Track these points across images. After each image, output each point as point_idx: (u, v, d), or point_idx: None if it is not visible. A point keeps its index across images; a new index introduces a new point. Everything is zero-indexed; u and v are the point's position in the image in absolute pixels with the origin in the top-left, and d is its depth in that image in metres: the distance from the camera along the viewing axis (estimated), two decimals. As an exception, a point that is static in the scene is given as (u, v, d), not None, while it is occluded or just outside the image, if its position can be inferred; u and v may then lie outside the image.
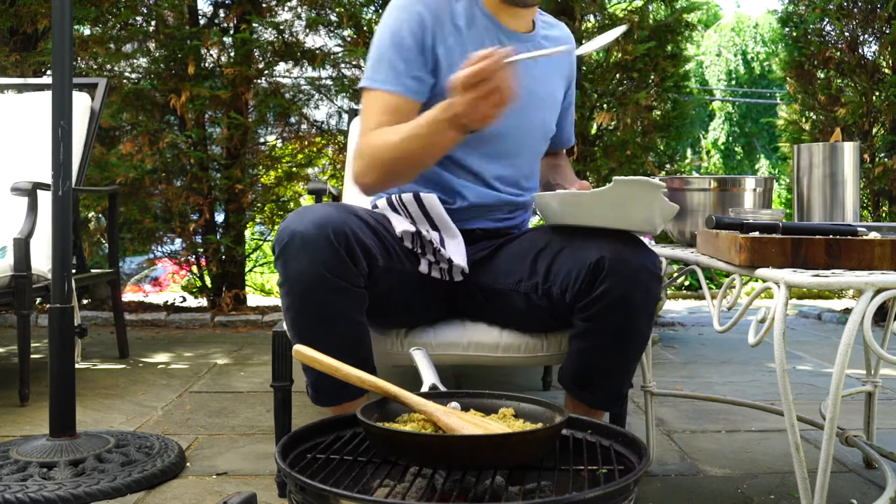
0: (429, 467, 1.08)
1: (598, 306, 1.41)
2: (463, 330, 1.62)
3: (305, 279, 1.37)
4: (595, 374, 1.49)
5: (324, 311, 1.40)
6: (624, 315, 1.41)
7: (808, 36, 4.66)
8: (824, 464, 1.15)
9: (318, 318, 1.41)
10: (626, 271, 1.39)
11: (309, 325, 1.42)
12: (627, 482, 0.96)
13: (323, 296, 1.38)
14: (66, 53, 1.78)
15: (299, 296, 1.40)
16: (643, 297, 1.41)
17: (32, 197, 2.54)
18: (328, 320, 1.41)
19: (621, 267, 1.39)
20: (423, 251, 1.53)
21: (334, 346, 1.40)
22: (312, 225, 1.37)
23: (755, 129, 17.02)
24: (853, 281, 1.13)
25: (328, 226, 1.37)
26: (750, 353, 3.45)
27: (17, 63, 4.35)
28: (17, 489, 1.61)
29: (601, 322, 1.42)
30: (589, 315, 1.43)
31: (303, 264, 1.37)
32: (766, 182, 1.63)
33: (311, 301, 1.39)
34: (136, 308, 4.45)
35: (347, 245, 1.38)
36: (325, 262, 1.36)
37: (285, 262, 1.39)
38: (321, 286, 1.37)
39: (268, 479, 1.79)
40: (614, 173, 4.38)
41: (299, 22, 4.59)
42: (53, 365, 1.80)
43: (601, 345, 1.45)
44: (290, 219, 1.40)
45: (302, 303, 1.40)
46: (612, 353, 1.47)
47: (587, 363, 1.48)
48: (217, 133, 4.63)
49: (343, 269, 1.38)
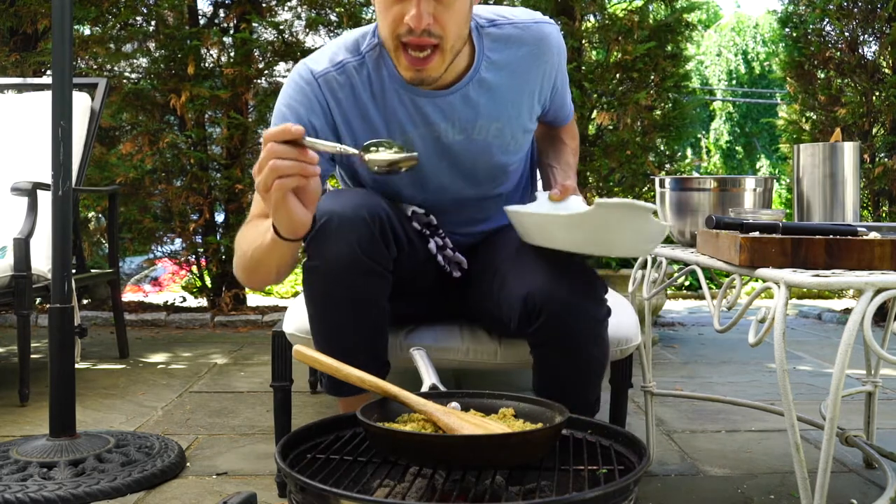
0: (429, 467, 1.08)
1: (540, 335, 1.37)
2: (461, 336, 1.62)
3: (344, 260, 1.34)
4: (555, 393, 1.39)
5: (357, 294, 1.37)
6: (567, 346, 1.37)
7: (808, 36, 4.66)
8: (824, 464, 1.15)
9: (350, 303, 1.38)
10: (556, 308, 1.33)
11: (340, 309, 1.39)
12: (627, 482, 0.96)
13: (358, 279, 1.36)
14: (66, 53, 1.78)
15: (334, 278, 1.36)
16: (581, 324, 1.35)
17: (32, 197, 2.54)
18: (360, 305, 1.39)
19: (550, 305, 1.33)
20: (432, 232, 1.52)
21: (361, 333, 1.41)
22: (351, 206, 1.35)
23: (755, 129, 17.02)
24: (853, 281, 1.13)
25: (364, 207, 1.35)
26: (750, 353, 3.45)
27: (17, 63, 4.35)
28: (17, 489, 1.61)
29: (547, 350, 1.39)
30: (535, 342, 1.40)
31: (341, 245, 1.33)
32: (766, 182, 1.62)
33: (347, 283, 1.36)
34: (136, 308, 4.45)
35: (381, 227, 1.37)
36: (362, 244, 1.34)
37: (321, 242, 1.35)
38: (358, 268, 1.35)
39: (268, 479, 1.79)
40: (614, 173, 4.39)
41: (299, 22, 4.59)
42: (53, 365, 1.80)
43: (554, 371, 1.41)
44: (324, 201, 1.36)
45: (336, 286, 1.37)
46: (567, 378, 1.41)
47: (545, 384, 1.43)
48: (217, 133, 4.63)
49: (378, 251, 1.36)
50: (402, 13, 1.32)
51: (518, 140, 1.55)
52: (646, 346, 1.83)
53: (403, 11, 1.32)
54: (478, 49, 1.47)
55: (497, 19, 1.50)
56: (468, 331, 1.62)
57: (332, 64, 1.45)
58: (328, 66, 1.45)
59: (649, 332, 1.88)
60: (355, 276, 1.36)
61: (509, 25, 1.50)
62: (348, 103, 1.45)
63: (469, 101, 1.46)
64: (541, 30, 1.52)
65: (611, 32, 4.24)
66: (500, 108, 1.49)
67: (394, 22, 1.33)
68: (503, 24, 1.49)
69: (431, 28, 1.32)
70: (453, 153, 1.50)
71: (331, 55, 1.46)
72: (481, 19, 1.48)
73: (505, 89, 1.49)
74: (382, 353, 1.47)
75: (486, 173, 1.55)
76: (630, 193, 4.41)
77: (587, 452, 1.14)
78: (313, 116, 1.44)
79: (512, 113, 1.51)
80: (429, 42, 1.33)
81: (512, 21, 1.50)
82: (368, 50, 1.45)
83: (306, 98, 1.44)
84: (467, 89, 1.46)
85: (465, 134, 1.49)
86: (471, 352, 1.60)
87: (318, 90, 1.44)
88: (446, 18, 1.33)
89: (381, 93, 1.45)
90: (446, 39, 1.34)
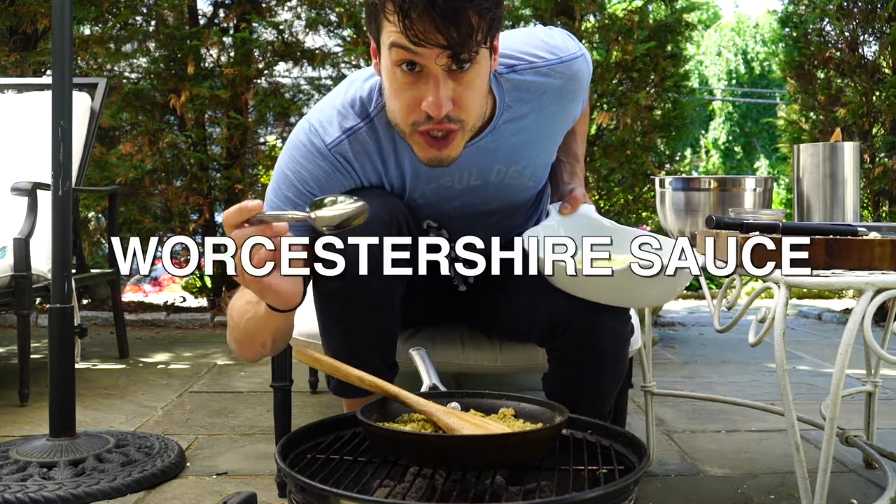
0: (429, 467, 1.08)
1: (564, 349, 1.36)
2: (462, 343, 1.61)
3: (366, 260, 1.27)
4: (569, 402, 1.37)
5: (374, 295, 1.32)
6: (589, 362, 1.35)
7: (808, 36, 4.66)
8: (824, 464, 1.15)
9: (366, 300, 1.32)
10: (583, 325, 1.31)
11: (359, 310, 1.34)
12: (627, 482, 0.96)
13: (375, 280, 1.29)
14: (66, 53, 1.78)
15: (352, 278, 1.28)
16: (607, 344, 1.34)
17: (32, 197, 2.54)
18: (375, 306, 1.34)
19: (578, 322, 1.31)
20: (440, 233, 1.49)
21: (373, 334, 1.38)
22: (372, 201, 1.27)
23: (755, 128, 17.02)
24: (853, 281, 1.13)
25: (384, 209, 1.30)
26: (750, 353, 3.45)
27: (17, 63, 4.35)
28: (17, 489, 1.61)
29: (567, 363, 1.38)
30: (556, 356, 1.39)
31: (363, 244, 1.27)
32: (766, 182, 1.62)
33: (364, 281, 1.29)
34: (135, 308, 4.45)
35: (399, 229, 1.32)
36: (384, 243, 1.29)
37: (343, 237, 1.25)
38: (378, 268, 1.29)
39: (268, 479, 1.79)
40: (614, 173, 4.39)
41: (299, 22, 4.59)
42: (53, 365, 1.80)
43: (570, 383, 1.40)
44: None
45: (354, 286, 1.30)
46: (583, 390, 1.40)
47: (562, 393, 1.41)
48: (217, 133, 4.63)
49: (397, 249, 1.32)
50: (418, 98, 1.19)
51: (538, 175, 1.48)
52: (646, 346, 1.83)
53: (420, 96, 1.19)
54: (498, 100, 1.33)
55: (517, 63, 1.35)
56: (468, 336, 1.62)
57: (343, 132, 1.34)
58: (340, 134, 1.34)
59: (649, 333, 1.88)
60: (374, 277, 1.30)
61: (531, 71, 1.35)
62: (362, 168, 1.36)
63: (486, 151, 1.36)
64: (568, 69, 1.38)
65: (611, 32, 4.24)
66: (521, 153, 1.40)
67: (408, 108, 1.21)
68: (524, 69, 1.35)
69: (451, 113, 1.20)
70: (467, 195, 1.43)
71: (339, 121, 1.35)
72: (500, 65, 1.32)
73: (528, 133, 1.38)
74: (391, 354, 1.45)
75: (502, 206, 1.50)
76: (630, 193, 4.41)
77: (587, 452, 1.14)
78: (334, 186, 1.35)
79: (534, 153, 1.42)
80: (449, 127, 1.22)
81: (534, 65, 1.35)
82: (377, 112, 1.34)
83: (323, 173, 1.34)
84: (486, 141, 1.35)
85: (481, 179, 1.40)
86: (471, 357, 1.60)
87: (335, 162, 1.34)
88: (467, 99, 1.20)
89: (392, 154, 1.35)
90: (467, 122, 1.23)
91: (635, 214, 4.47)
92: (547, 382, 1.47)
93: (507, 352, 1.59)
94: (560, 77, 1.37)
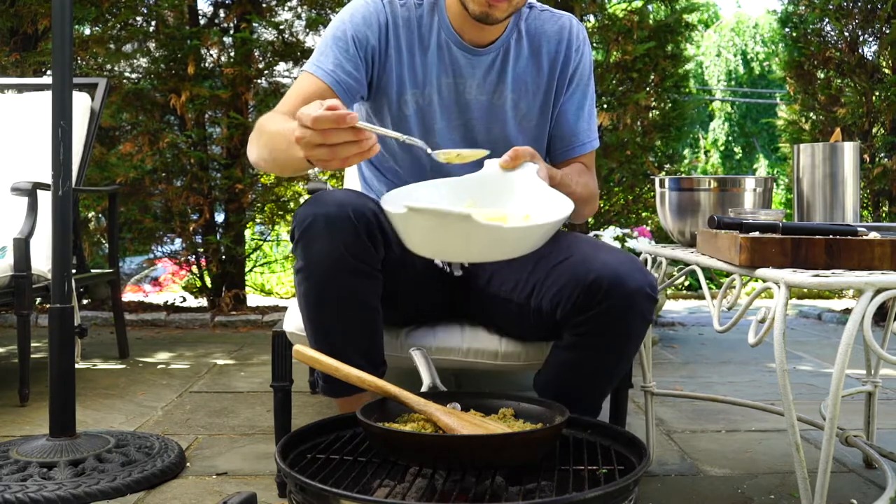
0: (429, 467, 1.08)
1: (590, 325, 1.37)
2: (462, 336, 1.61)
3: (328, 261, 1.35)
4: (574, 388, 1.43)
5: (344, 294, 1.38)
6: (616, 336, 1.38)
7: (808, 36, 4.66)
8: (824, 464, 1.15)
9: (337, 303, 1.38)
10: (623, 295, 1.33)
11: (328, 310, 1.40)
12: (627, 482, 0.97)
13: (344, 279, 1.36)
14: (66, 53, 1.78)
15: (320, 279, 1.37)
16: (638, 321, 1.37)
17: (32, 197, 2.54)
18: (347, 306, 1.39)
19: (618, 291, 1.33)
20: None
21: (351, 333, 1.40)
22: (335, 206, 1.35)
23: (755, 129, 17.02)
24: (853, 281, 1.13)
25: (348, 206, 1.36)
26: (750, 353, 3.45)
27: (17, 63, 4.35)
28: (17, 489, 1.61)
29: (592, 340, 1.39)
30: (580, 332, 1.39)
31: (325, 245, 1.34)
32: (766, 182, 1.63)
33: (333, 284, 1.37)
34: (136, 308, 4.45)
35: (368, 227, 1.36)
36: (347, 244, 1.34)
37: (307, 243, 1.36)
38: (343, 268, 1.35)
39: (268, 479, 1.79)
40: (614, 173, 4.39)
41: (299, 22, 4.59)
42: (53, 365, 1.80)
43: (587, 361, 1.41)
44: (309, 203, 1.38)
45: (322, 287, 1.37)
46: (597, 371, 1.42)
47: (568, 377, 1.43)
48: (217, 133, 4.63)
49: (364, 251, 1.36)
50: None
51: (531, 118, 1.63)
52: (646, 346, 1.83)
53: None
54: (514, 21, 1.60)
55: (535, 4, 1.65)
56: (469, 331, 1.61)
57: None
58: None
59: (649, 333, 1.88)
60: (341, 276, 1.36)
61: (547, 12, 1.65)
62: (399, 35, 1.55)
63: (496, 66, 1.58)
64: (570, 20, 1.66)
65: (611, 32, 4.25)
66: (520, 81, 1.60)
67: None
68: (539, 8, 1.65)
69: None
70: (471, 112, 1.58)
71: None
72: None
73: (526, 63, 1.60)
74: (377, 354, 1.46)
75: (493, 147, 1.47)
76: (630, 193, 4.42)
77: (587, 452, 1.14)
78: (370, 32, 1.53)
79: (531, 88, 1.62)
80: None
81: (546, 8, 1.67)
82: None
83: (370, 12, 1.54)
84: (498, 54, 1.58)
85: (486, 95, 1.59)
86: (471, 353, 1.60)
87: (382, 10, 1.54)
88: None
89: (427, 38, 1.56)
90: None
91: (635, 214, 4.47)
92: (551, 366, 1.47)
93: (508, 348, 1.59)
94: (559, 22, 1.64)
